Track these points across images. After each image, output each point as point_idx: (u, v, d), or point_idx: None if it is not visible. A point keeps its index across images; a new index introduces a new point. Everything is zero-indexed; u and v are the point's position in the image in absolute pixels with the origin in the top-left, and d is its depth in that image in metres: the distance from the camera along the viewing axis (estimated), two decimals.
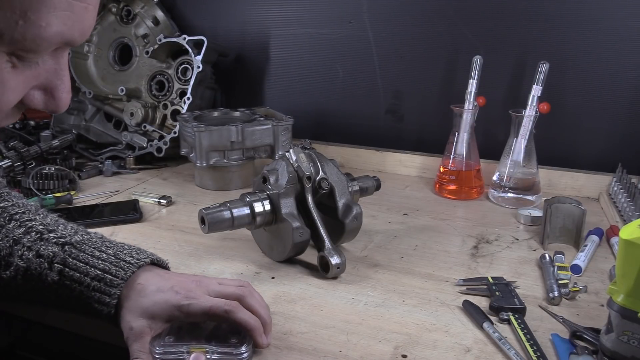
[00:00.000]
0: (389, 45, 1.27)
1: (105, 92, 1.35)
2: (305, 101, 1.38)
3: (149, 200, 1.06)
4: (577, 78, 1.12)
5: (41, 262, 0.63)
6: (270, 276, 0.79)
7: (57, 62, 0.47)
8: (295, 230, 0.78)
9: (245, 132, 1.11)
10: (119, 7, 1.36)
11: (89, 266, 0.63)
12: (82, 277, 0.62)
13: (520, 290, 0.74)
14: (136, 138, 1.28)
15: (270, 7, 1.37)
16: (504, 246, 0.89)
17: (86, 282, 0.62)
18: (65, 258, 0.63)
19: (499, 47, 1.16)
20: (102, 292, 0.62)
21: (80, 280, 0.62)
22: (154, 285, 0.61)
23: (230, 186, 1.14)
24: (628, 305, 0.54)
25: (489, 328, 0.65)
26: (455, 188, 1.09)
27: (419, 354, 0.62)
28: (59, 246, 0.64)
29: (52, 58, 0.47)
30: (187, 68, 1.28)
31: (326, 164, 0.84)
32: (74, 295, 0.63)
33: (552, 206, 0.88)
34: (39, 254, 0.64)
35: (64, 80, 0.48)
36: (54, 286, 0.63)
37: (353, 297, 0.73)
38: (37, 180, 1.06)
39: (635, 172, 1.04)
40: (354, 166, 1.28)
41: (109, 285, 0.61)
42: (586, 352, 0.60)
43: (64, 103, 0.48)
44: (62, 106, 0.48)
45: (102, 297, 0.61)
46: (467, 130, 1.07)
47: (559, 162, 1.14)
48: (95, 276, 0.62)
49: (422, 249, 0.88)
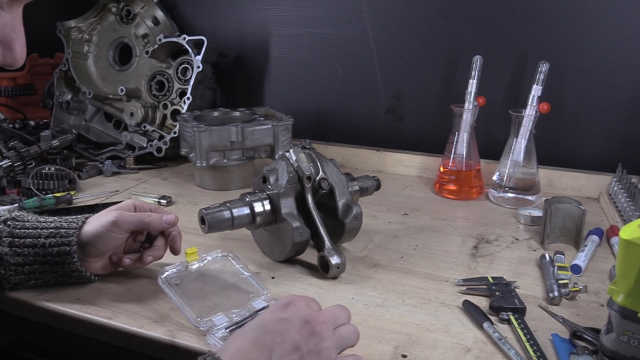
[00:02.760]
0: (389, 45, 1.27)
1: (105, 92, 1.35)
2: (305, 101, 1.38)
3: (149, 200, 1.06)
4: (577, 78, 1.12)
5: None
6: (270, 276, 0.79)
7: (13, 16, 0.49)
8: (295, 230, 0.78)
9: (245, 132, 1.11)
10: (119, 7, 1.36)
11: (39, 229, 0.71)
12: (35, 240, 0.70)
13: (520, 290, 0.74)
14: (136, 138, 1.28)
15: (270, 7, 1.37)
16: (504, 246, 0.89)
17: (40, 242, 0.70)
18: (12, 231, 0.71)
19: (499, 47, 1.16)
20: (61, 244, 0.70)
21: (34, 244, 0.70)
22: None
23: (230, 186, 1.14)
24: (628, 305, 0.54)
25: (489, 328, 0.65)
26: (455, 188, 1.09)
27: (419, 354, 0.62)
28: (1, 223, 0.71)
29: (8, 11, 0.49)
30: (187, 68, 1.28)
31: (326, 164, 0.84)
32: (29, 261, 0.70)
33: (552, 206, 0.88)
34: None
35: (20, 35, 0.50)
36: (5, 258, 0.70)
37: (353, 297, 0.73)
38: (37, 180, 1.06)
39: (635, 172, 1.04)
40: (354, 166, 1.28)
41: (64, 236, 0.70)
42: (586, 352, 0.60)
43: (19, 56, 0.50)
44: (19, 59, 0.51)
45: (63, 248, 0.70)
46: (467, 130, 1.07)
47: (559, 162, 1.14)
48: (49, 234, 0.70)
49: (422, 249, 0.88)
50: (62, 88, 1.39)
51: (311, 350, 0.52)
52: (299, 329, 0.53)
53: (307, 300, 0.57)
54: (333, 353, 0.54)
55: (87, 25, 1.39)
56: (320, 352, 0.53)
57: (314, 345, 0.53)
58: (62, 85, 1.39)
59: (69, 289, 0.74)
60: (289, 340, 0.52)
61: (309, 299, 0.58)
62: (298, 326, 0.53)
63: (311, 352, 0.52)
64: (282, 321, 0.54)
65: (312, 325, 0.54)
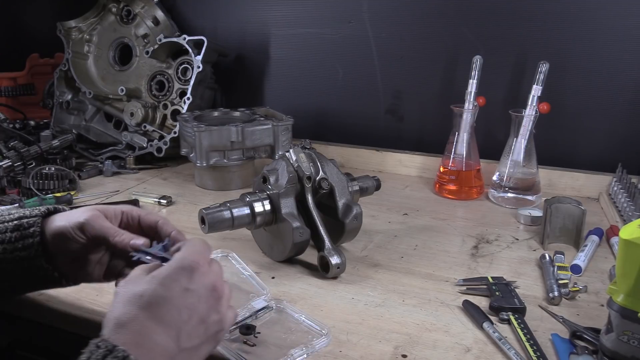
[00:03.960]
0: (389, 45, 1.27)
1: (105, 92, 1.35)
2: (305, 101, 1.38)
3: (149, 200, 1.06)
4: (577, 78, 1.12)
5: None
6: (270, 276, 0.79)
7: None
8: (295, 230, 0.78)
9: (245, 132, 1.11)
10: (119, 7, 1.36)
11: (6, 222, 0.61)
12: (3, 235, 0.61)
13: (520, 290, 0.74)
14: (136, 138, 1.28)
15: (270, 7, 1.37)
16: (504, 246, 0.89)
17: (7, 237, 0.60)
18: None
19: (499, 47, 1.16)
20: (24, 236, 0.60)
21: (2, 239, 0.60)
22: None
23: (230, 186, 1.14)
24: (628, 305, 0.54)
25: (489, 328, 0.65)
26: (455, 188, 1.09)
27: (419, 354, 0.62)
28: None
29: None
30: (187, 68, 1.28)
31: (326, 164, 0.84)
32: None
33: (552, 206, 0.88)
34: None
35: None
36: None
37: (353, 297, 0.73)
38: (37, 180, 1.06)
39: (635, 172, 1.04)
40: (354, 166, 1.28)
41: (26, 227, 0.60)
42: (586, 352, 0.60)
43: None
44: None
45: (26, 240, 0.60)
46: (467, 130, 1.07)
47: (559, 162, 1.14)
48: (14, 226, 0.61)
49: (422, 249, 0.88)
50: (62, 88, 1.39)
51: (215, 320, 0.51)
52: (206, 299, 0.50)
53: (211, 263, 0.54)
54: (231, 312, 0.54)
55: (87, 25, 1.39)
56: (222, 317, 0.52)
57: (216, 313, 0.51)
58: (62, 85, 1.39)
59: (70, 289, 0.73)
60: (197, 314, 0.49)
61: (212, 260, 0.54)
62: (205, 297, 0.50)
63: (215, 322, 0.51)
64: (188, 294, 0.49)
65: (217, 292, 0.52)
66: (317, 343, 0.62)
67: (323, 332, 0.64)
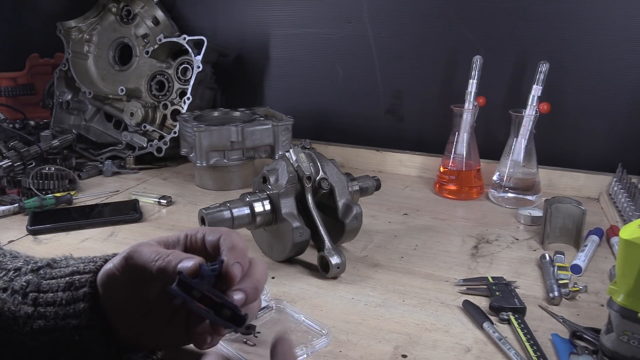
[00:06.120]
0: (389, 45, 1.27)
1: (105, 92, 1.35)
2: (305, 101, 1.38)
3: (149, 200, 1.06)
4: (577, 78, 1.12)
5: (15, 298, 0.51)
6: (270, 276, 0.79)
7: None
8: (295, 230, 0.78)
9: (245, 132, 1.11)
10: (119, 7, 1.36)
11: (59, 277, 0.51)
12: (55, 295, 0.50)
13: (520, 290, 0.74)
14: (136, 138, 1.28)
15: (270, 7, 1.37)
16: (504, 246, 0.89)
17: (58, 297, 0.50)
18: (39, 282, 0.51)
19: (499, 47, 1.16)
20: (75, 299, 0.49)
21: (54, 300, 0.50)
22: None
23: (230, 186, 1.14)
24: (628, 305, 0.54)
25: (489, 328, 0.65)
26: (455, 188, 1.09)
27: (419, 354, 0.62)
28: (33, 273, 0.52)
29: None
30: (187, 68, 1.28)
31: (326, 164, 0.84)
32: (49, 326, 0.49)
33: (552, 206, 0.88)
34: (14, 290, 0.51)
35: None
36: (29, 322, 0.50)
37: (353, 297, 0.73)
38: (37, 180, 1.06)
39: (635, 172, 1.04)
40: (354, 166, 1.28)
41: (77, 288, 0.50)
42: (586, 352, 0.60)
43: None
44: None
45: (77, 304, 0.49)
46: (467, 130, 1.07)
47: (559, 162, 1.14)
48: (65, 284, 0.50)
49: (422, 249, 0.88)
50: (62, 88, 1.39)
51: None
52: None
53: None
54: None
55: (87, 25, 1.39)
56: None
57: None
58: (62, 85, 1.39)
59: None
60: None
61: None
62: None
63: None
64: None
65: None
66: (317, 343, 0.62)
67: (323, 332, 0.64)
